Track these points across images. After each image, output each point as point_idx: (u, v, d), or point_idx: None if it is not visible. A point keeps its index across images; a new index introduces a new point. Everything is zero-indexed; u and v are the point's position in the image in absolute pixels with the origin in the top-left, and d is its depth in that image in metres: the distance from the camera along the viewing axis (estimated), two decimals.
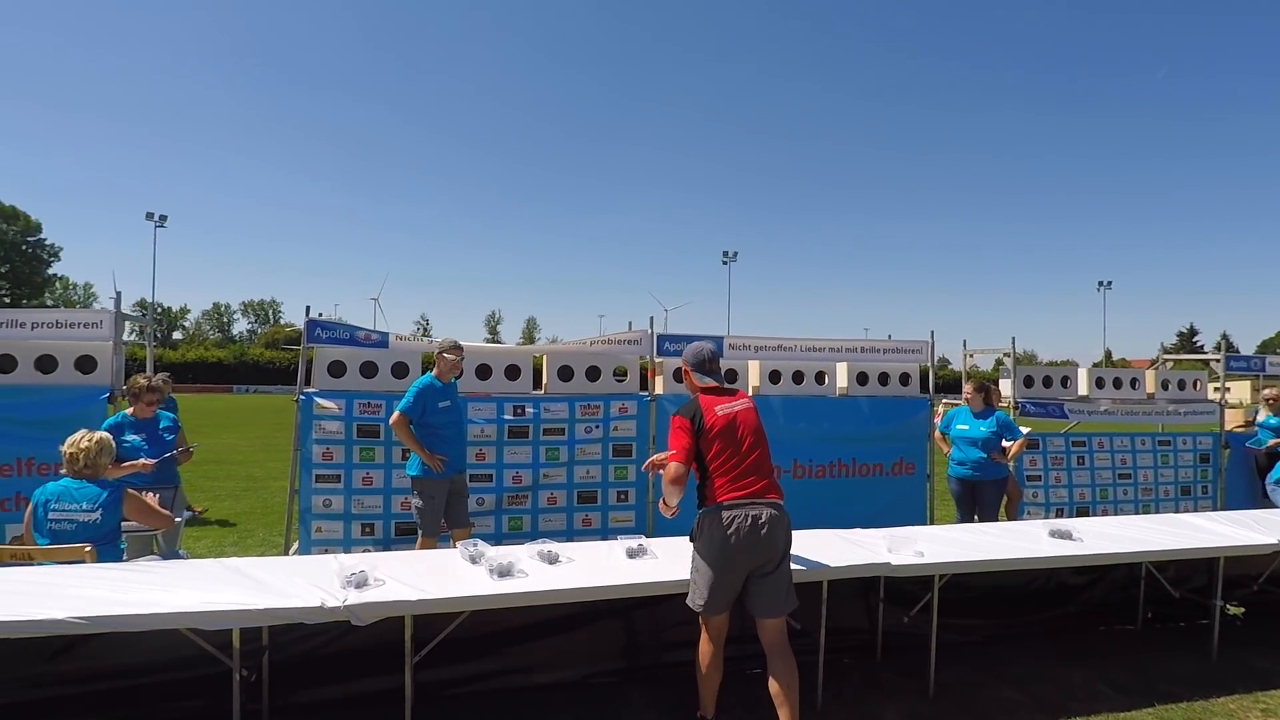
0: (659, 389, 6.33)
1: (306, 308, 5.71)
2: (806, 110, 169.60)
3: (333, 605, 2.89)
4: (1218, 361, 8.11)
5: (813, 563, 3.59)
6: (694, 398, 3.36)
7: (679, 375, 6.22)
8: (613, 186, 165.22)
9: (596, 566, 3.54)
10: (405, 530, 5.51)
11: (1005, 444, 5.86)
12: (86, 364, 5.37)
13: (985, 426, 5.90)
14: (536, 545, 3.71)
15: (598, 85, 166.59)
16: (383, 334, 5.86)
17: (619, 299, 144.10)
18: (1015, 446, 5.85)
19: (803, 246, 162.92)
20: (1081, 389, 7.54)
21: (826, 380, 6.69)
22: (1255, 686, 4.01)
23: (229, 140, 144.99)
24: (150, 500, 4.03)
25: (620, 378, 6.30)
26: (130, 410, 4.86)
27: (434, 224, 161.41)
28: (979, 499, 5.94)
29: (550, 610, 3.67)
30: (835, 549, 3.88)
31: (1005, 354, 7.55)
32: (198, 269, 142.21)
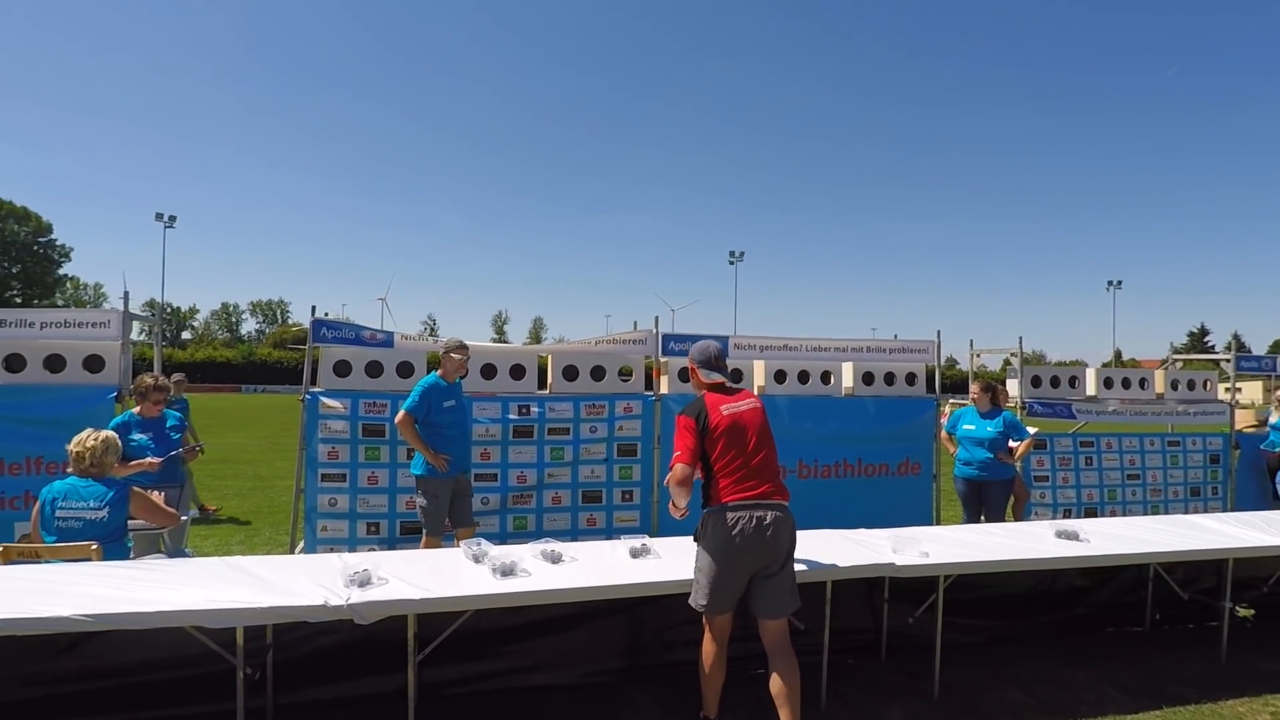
0: (664, 389, 6.32)
1: (312, 307, 5.72)
2: (813, 109, 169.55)
3: (336, 604, 2.90)
4: (1228, 361, 8.04)
5: (817, 563, 3.58)
6: (699, 397, 3.35)
7: (684, 375, 6.24)
8: (620, 186, 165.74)
9: (599, 566, 3.54)
10: (410, 529, 5.52)
11: (1012, 444, 5.83)
12: (94, 363, 5.40)
13: (992, 427, 5.88)
14: (539, 545, 3.71)
15: (605, 85, 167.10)
16: (388, 333, 5.88)
17: (625, 299, 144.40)
18: (1022, 447, 5.83)
19: (810, 246, 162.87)
20: (1090, 389, 7.49)
21: (832, 380, 6.68)
22: (1265, 689, 3.97)
23: (237, 141, 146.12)
24: (157, 499, 4.06)
25: (625, 377, 6.30)
26: (137, 409, 4.89)
27: (441, 224, 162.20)
28: (985, 499, 5.91)
29: (553, 609, 3.67)
30: (840, 549, 3.86)
31: (1012, 354, 7.50)
32: (206, 269, 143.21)
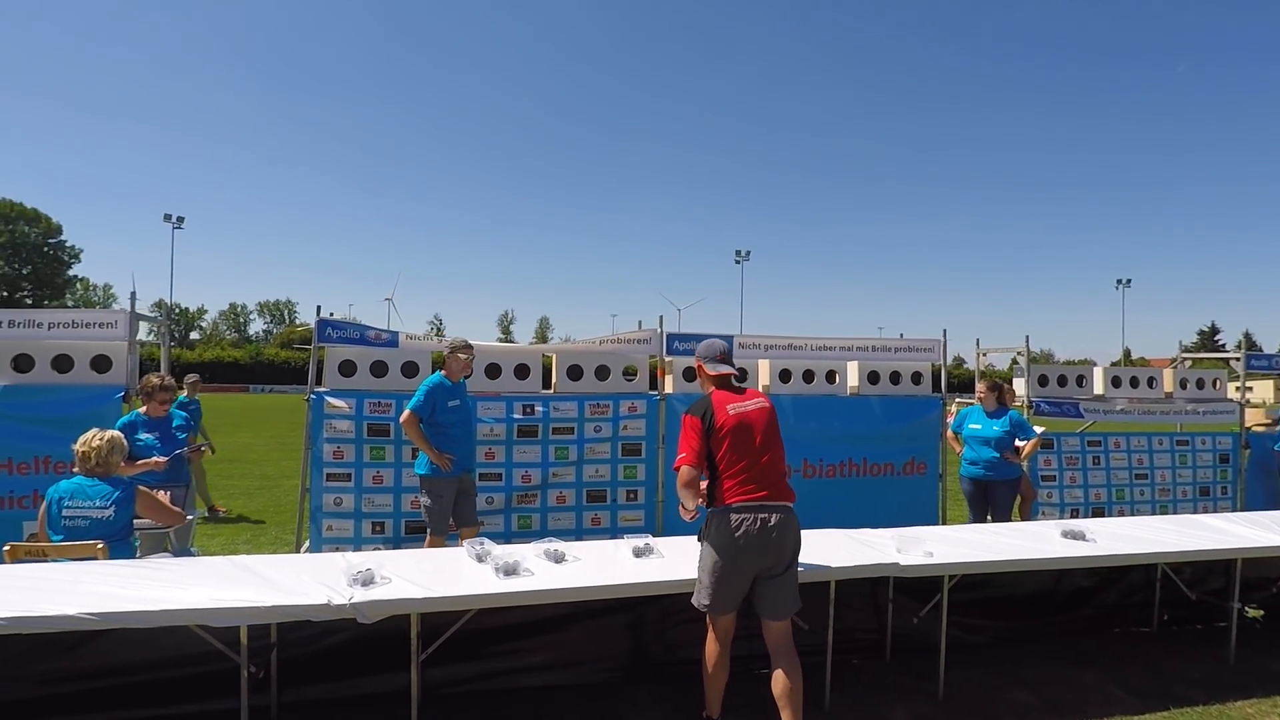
0: (669, 388, 6.31)
1: (317, 307, 5.74)
2: (821, 107, 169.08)
3: (339, 603, 2.91)
4: (1238, 360, 7.98)
5: (821, 563, 3.57)
6: (706, 395, 3.33)
7: (690, 374, 6.24)
8: (627, 185, 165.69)
9: (602, 565, 3.54)
10: (415, 529, 5.53)
11: (1019, 443, 5.81)
12: (102, 363, 5.43)
13: (998, 426, 5.85)
14: (542, 544, 3.71)
15: (611, 83, 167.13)
16: (393, 333, 5.89)
17: (632, 299, 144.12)
18: (1029, 446, 5.79)
19: (816, 245, 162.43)
20: (1097, 388, 7.44)
21: (837, 379, 6.65)
22: (1274, 690, 3.94)
23: (244, 141, 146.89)
24: (163, 498, 4.09)
25: (630, 377, 6.30)
26: (144, 409, 4.91)
27: (448, 223, 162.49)
28: (991, 499, 5.88)
29: (556, 609, 3.67)
30: (844, 549, 3.85)
31: (1019, 353, 7.46)
32: (214, 270, 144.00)
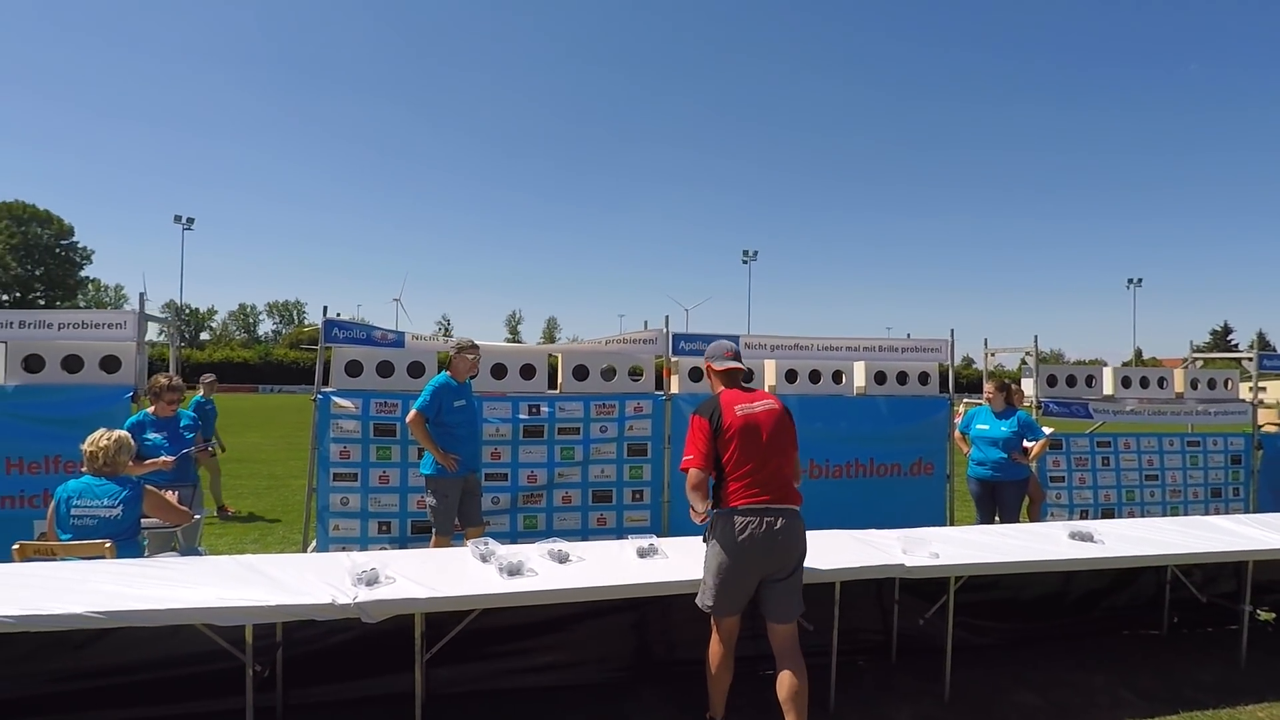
0: (674, 388, 6.31)
1: (324, 308, 5.77)
2: (828, 106, 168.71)
3: (343, 602, 2.92)
4: (1250, 360, 7.90)
5: (826, 564, 3.55)
6: (715, 395, 3.31)
7: (696, 374, 6.23)
8: (634, 185, 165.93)
9: (607, 566, 3.53)
10: (421, 529, 5.54)
11: (1027, 444, 5.77)
12: (111, 364, 5.47)
13: (1006, 426, 5.81)
14: (547, 544, 3.71)
15: (619, 83, 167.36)
16: (399, 334, 5.91)
17: (639, 299, 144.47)
18: (1037, 447, 5.75)
19: (823, 244, 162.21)
20: (1107, 388, 7.38)
21: (844, 379, 6.63)
22: None
23: (254, 143, 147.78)
24: (170, 497, 4.11)
25: (636, 377, 6.29)
26: (151, 409, 4.94)
27: (456, 224, 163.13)
28: (999, 500, 5.85)
29: (561, 609, 3.67)
30: (849, 550, 3.83)
31: (1028, 353, 7.41)
32: (224, 270, 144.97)
